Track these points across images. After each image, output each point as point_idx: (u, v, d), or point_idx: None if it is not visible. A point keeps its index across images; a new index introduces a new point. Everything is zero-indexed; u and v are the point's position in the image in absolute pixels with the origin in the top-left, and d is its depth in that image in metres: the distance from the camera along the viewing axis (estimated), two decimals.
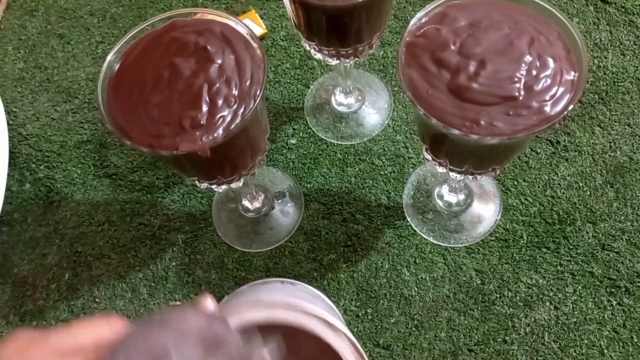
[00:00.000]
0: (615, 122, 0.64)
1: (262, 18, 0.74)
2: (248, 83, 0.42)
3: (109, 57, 0.43)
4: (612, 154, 0.62)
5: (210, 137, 0.40)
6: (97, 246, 0.63)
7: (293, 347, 0.41)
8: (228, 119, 0.41)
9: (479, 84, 0.39)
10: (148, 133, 0.41)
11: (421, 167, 0.64)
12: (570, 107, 0.38)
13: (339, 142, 0.67)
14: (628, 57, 0.67)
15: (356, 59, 0.55)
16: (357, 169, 0.65)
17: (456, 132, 0.38)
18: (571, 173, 0.62)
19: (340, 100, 0.68)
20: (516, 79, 0.39)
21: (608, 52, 0.68)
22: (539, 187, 0.62)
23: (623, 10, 0.70)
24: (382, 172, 0.64)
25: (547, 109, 0.38)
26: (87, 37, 0.77)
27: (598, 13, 0.70)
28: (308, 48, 0.55)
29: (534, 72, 0.39)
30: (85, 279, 0.62)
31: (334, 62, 0.55)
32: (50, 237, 0.64)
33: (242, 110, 0.41)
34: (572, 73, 0.40)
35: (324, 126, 0.68)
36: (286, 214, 0.63)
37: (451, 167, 0.47)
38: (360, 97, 0.68)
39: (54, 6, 0.80)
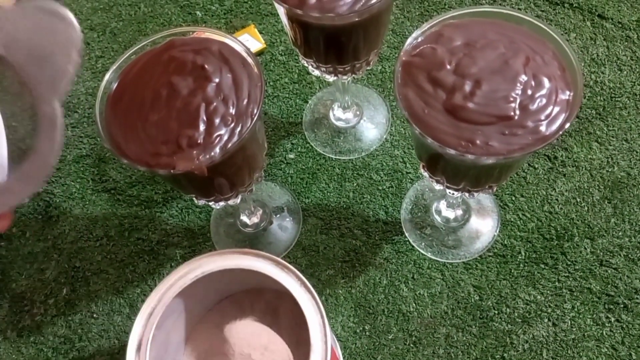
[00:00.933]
0: (612, 137, 0.64)
1: (260, 33, 0.74)
2: (245, 102, 0.42)
3: (107, 76, 0.44)
4: (610, 170, 0.62)
5: (208, 156, 0.40)
6: (95, 261, 0.63)
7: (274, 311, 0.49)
8: (225, 137, 0.41)
9: (474, 104, 0.39)
10: (145, 151, 0.41)
11: (419, 182, 0.64)
12: (566, 126, 0.38)
13: (337, 157, 0.67)
14: (625, 72, 0.67)
15: (354, 75, 0.55)
16: (355, 184, 0.65)
17: (452, 151, 0.39)
18: (569, 188, 0.62)
19: (339, 115, 0.69)
20: (511, 99, 0.39)
21: (605, 68, 0.68)
22: (536, 202, 0.62)
23: (620, 25, 0.70)
24: (380, 187, 0.65)
25: (543, 128, 0.39)
26: (87, 52, 0.77)
27: (595, 28, 0.70)
28: (306, 65, 0.55)
29: (529, 92, 0.39)
30: (83, 295, 0.62)
31: (331, 78, 0.56)
32: (49, 252, 0.65)
33: (239, 129, 0.41)
34: (568, 92, 0.40)
35: (322, 141, 0.68)
36: (284, 229, 0.63)
37: (448, 184, 0.48)
38: (358, 112, 0.68)
39: None
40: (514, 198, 0.62)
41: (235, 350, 0.46)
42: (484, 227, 0.61)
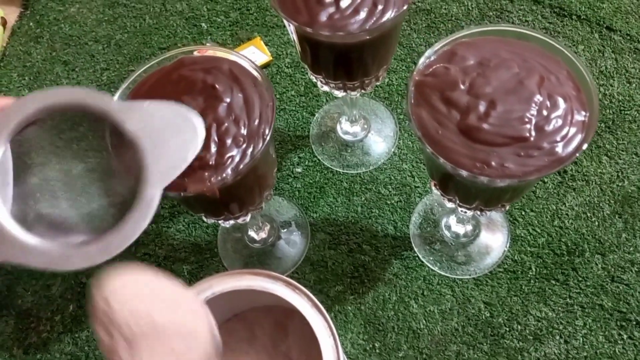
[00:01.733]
0: (622, 151, 0.64)
1: (266, 45, 0.74)
2: (257, 122, 0.42)
3: (116, 96, 0.43)
4: (620, 184, 0.62)
5: (219, 178, 0.40)
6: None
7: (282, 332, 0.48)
8: (237, 159, 0.40)
9: (489, 125, 0.39)
10: None
11: (428, 196, 0.64)
12: (583, 147, 0.38)
13: (345, 171, 0.66)
14: (634, 85, 0.67)
15: (363, 90, 0.55)
16: (363, 198, 0.65)
17: (466, 173, 0.38)
18: (579, 203, 0.62)
19: (346, 129, 0.68)
20: (527, 120, 0.39)
21: (614, 80, 0.68)
22: (546, 217, 0.61)
23: (628, 37, 0.70)
24: (389, 202, 0.64)
25: (559, 149, 0.38)
26: (92, 64, 0.77)
27: (603, 41, 0.70)
28: (314, 80, 0.55)
29: (545, 113, 0.39)
30: (89, 311, 0.61)
31: (340, 94, 0.55)
32: None
33: (251, 150, 0.41)
34: (583, 113, 0.39)
35: (330, 154, 0.67)
36: (292, 244, 0.63)
37: (460, 203, 0.47)
38: (366, 126, 0.68)
39: (58, 33, 0.80)
40: (523, 213, 0.62)
41: None
42: (494, 242, 0.61)
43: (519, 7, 0.73)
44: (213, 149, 0.40)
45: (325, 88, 0.55)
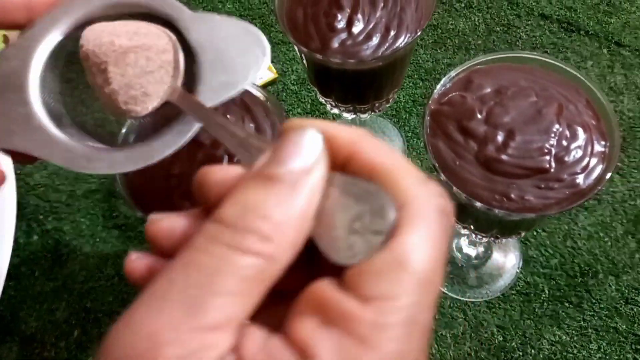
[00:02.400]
0: (634, 169, 0.63)
1: (272, 62, 0.73)
2: None
3: (124, 129, 0.42)
4: (632, 203, 0.61)
5: None
6: (106, 302, 0.62)
7: None
8: None
9: (508, 156, 0.38)
10: (165, 206, 0.40)
11: None
12: (606, 178, 0.37)
13: None
14: None
15: (373, 112, 0.54)
16: None
17: (485, 206, 0.37)
18: (591, 223, 0.61)
19: None
20: (546, 150, 0.38)
21: (624, 97, 0.67)
22: (559, 237, 0.60)
23: (637, 53, 0.69)
24: None
25: (580, 181, 0.37)
26: None
27: (612, 56, 0.69)
28: (324, 102, 0.54)
29: (564, 143, 0.38)
30: (94, 337, 0.60)
31: (350, 116, 0.54)
32: (59, 292, 0.63)
33: None
34: (603, 143, 0.39)
35: None
36: None
37: (476, 231, 0.46)
38: None
39: None
40: (535, 233, 0.61)
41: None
42: (506, 263, 0.60)
43: (527, 22, 0.72)
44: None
45: (335, 110, 0.54)
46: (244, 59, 0.28)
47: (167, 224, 0.23)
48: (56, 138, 0.27)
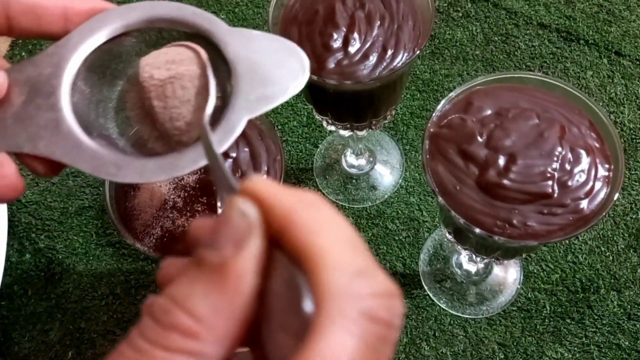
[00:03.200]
0: (635, 181, 0.62)
1: None
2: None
3: None
4: (634, 216, 0.60)
5: None
6: (100, 321, 0.61)
7: None
8: None
9: (510, 181, 0.37)
10: (161, 237, 0.39)
11: (437, 231, 0.62)
12: (610, 204, 0.36)
13: (351, 205, 0.64)
14: None
15: (370, 129, 0.53)
16: (370, 234, 0.63)
17: (486, 233, 0.36)
18: (592, 237, 0.60)
19: (351, 162, 0.66)
20: (549, 175, 0.37)
21: (624, 107, 0.66)
22: (559, 252, 0.59)
23: (638, 62, 0.68)
24: (397, 237, 0.62)
25: (584, 206, 0.37)
26: None
27: (612, 66, 0.68)
28: (320, 119, 0.53)
29: (568, 167, 0.37)
30: (89, 358, 0.59)
31: (347, 133, 0.53)
32: (52, 312, 0.62)
33: None
34: (607, 166, 0.38)
35: (335, 188, 0.65)
36: None
37: (477, 254, 0.45)
38: (371, 158, 0.66)
39: None
40: (541, 246, 0.60)
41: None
42: (506, 279, 0.59)
43: (525, 31, 0.71)
44: (220, 210, 0.38)
45: (332, 127, 0.53)
46: (282, 73, 0.27)
47: (175, 269, 0.22)
48: (85, 144, 0.26)
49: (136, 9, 0.28)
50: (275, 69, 0.27)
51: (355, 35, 0.43)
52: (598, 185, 0.37)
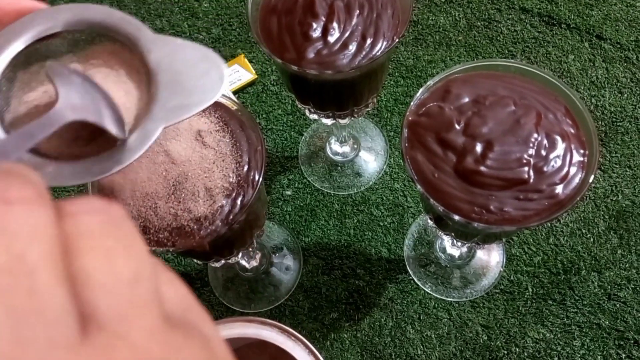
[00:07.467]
0: (615, 164, 0.63)
1: (250, 62, 0.72)
2: (246, 169, 0.40)
3: None
4: (614, 198, 0.61)
5: (208, 231, 0.38)
6: None
7: None
8: (226, 209, 0.39)
9: (486, 167, 0.38)
10: (145, 229, 0.39)
11: (421, 216, 0.63)
12: (584, 189, 0.37)
13: (336, 192, 0.65)
14: (625, 95, 0.66)
15: (353, 117, 0.53)
16: (355, 220, 0.63)
17: (464, 219, 0.37)
18: (573, 219, 0.61)
19: (336, 150, 0.67)
20: (525, 161, 0.38)
21: (605, 91, 0.67)
22: (541, 235, 0.60)
23: (618, 46, 0.69)
24: (382, 223, 0.63)
25: (559, 191, 0.37)
26: None
27: (593, 49, 0.69)
28: (302, 108, 0.53)
29: (543, 153, 0.38)
30: None
31: (329, 122, 0.54)
32: None
33: (240, 198, 0.39)
34: (582, 152, 0.38)
35: (320, 175, 0.66)
36: (285, 272, 0.62)
37: (458, 239, 0.46)
38: (355, 146, 0.67)
39: None
40: (518, 231, 0.61)
41: None
42: (489, 262, 0.60)
43: (507, 16, 0.71)
44: (201, 199, 0.39)
45: (314, 116, 0.53)
46: (202, 84, 0.28)
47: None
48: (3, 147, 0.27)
49: (65, 11, 0.28)
50: (195, 79, 0.28)
51: (335, 24, 0.43)
52: (573, 170, 0.38)
